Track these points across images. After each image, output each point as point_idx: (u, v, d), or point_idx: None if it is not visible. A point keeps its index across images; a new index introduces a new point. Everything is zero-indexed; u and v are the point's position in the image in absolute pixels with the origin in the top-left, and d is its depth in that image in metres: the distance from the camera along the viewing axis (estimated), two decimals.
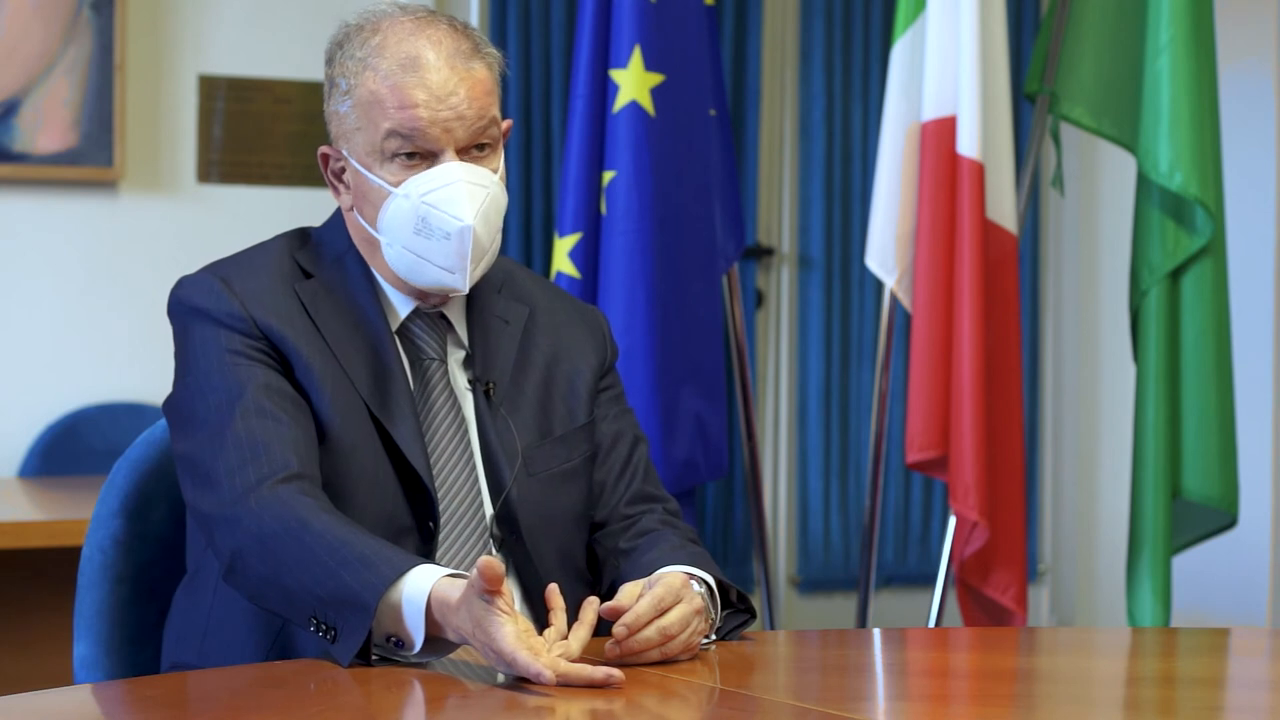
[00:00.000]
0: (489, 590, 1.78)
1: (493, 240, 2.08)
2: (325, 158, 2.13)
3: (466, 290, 2.07)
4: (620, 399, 2.27)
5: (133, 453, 2.23)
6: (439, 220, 2.03)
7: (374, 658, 1.87)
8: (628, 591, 1.93)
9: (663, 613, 1.89)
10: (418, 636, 1.85)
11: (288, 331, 2.05)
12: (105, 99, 4.46)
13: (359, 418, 2.05)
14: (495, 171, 2.08)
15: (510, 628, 1.77)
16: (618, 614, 1.88)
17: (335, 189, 2.14)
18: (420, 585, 1.84)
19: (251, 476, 1.95)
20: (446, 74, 2.04)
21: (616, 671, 1.78)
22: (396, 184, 2.05)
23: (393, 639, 1.87)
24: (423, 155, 2.05)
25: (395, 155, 2.05)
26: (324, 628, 1.88)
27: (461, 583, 1.83)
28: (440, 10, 4.99)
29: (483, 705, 1.77)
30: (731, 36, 5.23)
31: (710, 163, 3.61)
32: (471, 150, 2.06)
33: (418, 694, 1.80)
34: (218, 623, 2.06)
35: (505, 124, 2.13)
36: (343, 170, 2.11)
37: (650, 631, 1.88)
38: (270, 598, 1.94)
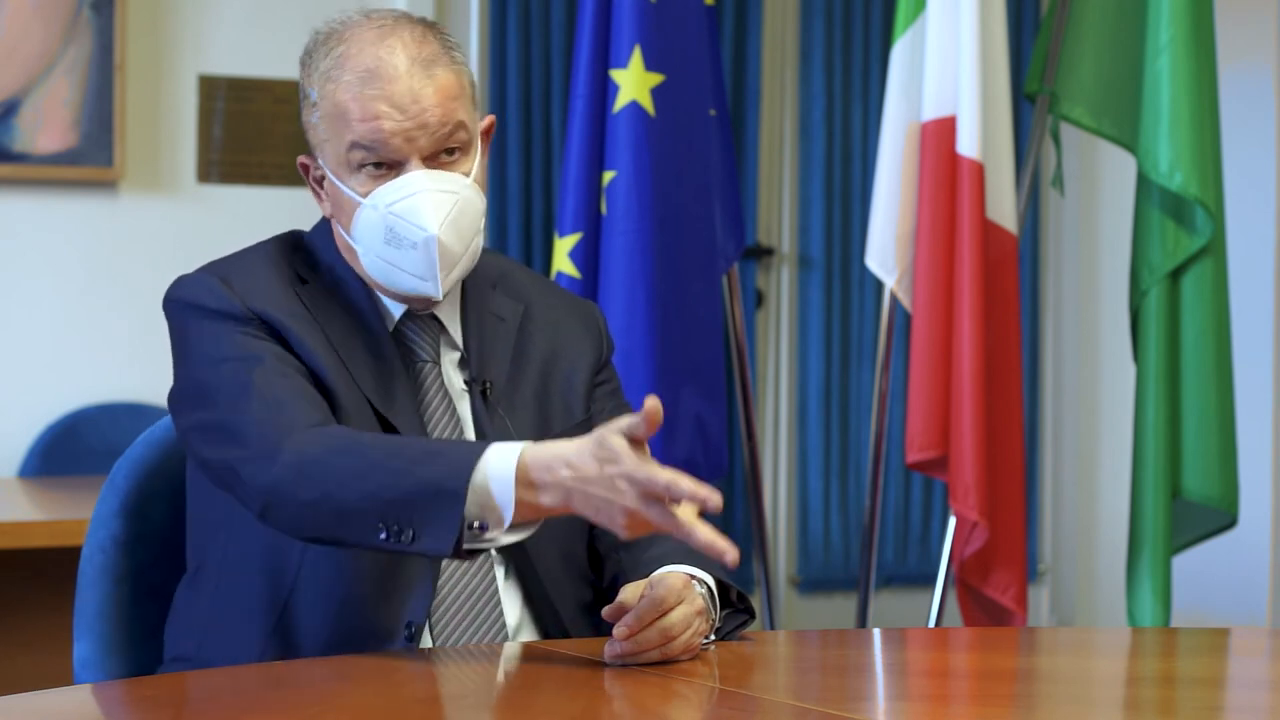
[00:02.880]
0: (643, 434, 1.77)
1: (467, 245, 2.07)
2: (305, 167, 2.14)
3: (441, 297, 2.07)
4: (617, 393, 2.27)
5: (133, 453, 2.23)
6: (405, 230, 2.03)
7: (465, 548, 1.85)
8: (629, 592, 1.93)
9: (664, 614, 1.89)
10: (507, 512, 1.83)
11: (291, 325, 2.05)
12: (105, 99, 4.46)
13: (364, 415, 2.05)
14: (468, 175, 2.07)
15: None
16: (619, 614, 1.88)
17: (318, 196, 2.14)
18: (505, 460, 1.83)
19: (283, 423, 1.94)
20: (408, 83, 2.02)
21: (716, 494, 1.77)
22: (365, 194, 2.05)
23: (477, 524, 1.85)
24: (389, 165, 2.04)
25: (361, 166, 2.04)
26: (396, 531, 1.85)
27: (560, 442, 1.83)
28: (438, 10, 4.98)
29: (483, 705, 1.77)
30: (731, 36, 5.23)
31: (710, 163, 3.61)
32: (440, 156, 2.06)
33: (418, 694, 1.80)
34: (218, 618, 2.06)
35: (486, 121, 2.12)
36: (322, 178, 2.11)
37: (651, 633, 1.88)
38: (320, 523, 1.90)
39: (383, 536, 1.86)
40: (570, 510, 1.82)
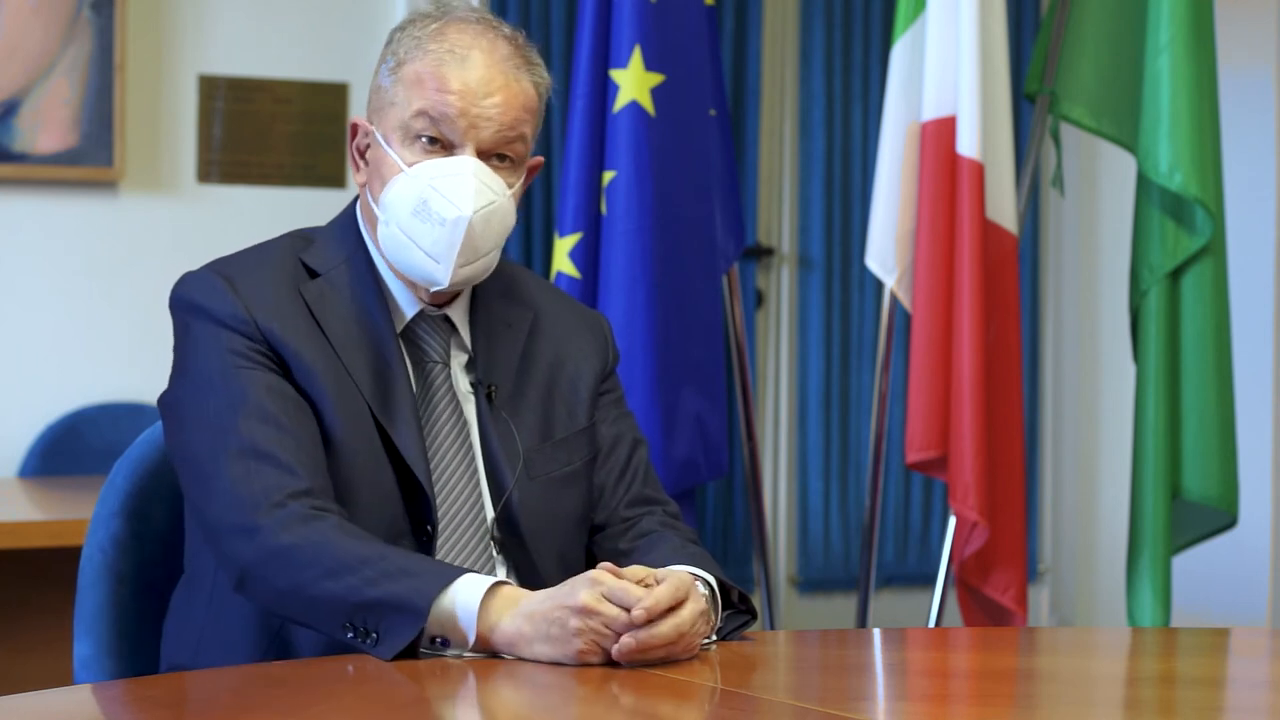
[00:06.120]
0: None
1: (491, 247, 2.09)
2: (355, 129, 2.17)
3: (446, 284, 2.07)
4: (620, 402, 2.28)
5: (133, 453, 2.23)
6: (438, 205, 2.05)
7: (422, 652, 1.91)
8: (634, 571, 1.91)
9: (679, 604, 1.88)
10: (470, 635, 1.89)
11: (289, 336, 2.06)
12: (105, 99, 4.46)
13: (362, 420, 2.06)
14: (511, 187, 2.10)
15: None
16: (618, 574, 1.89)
17: (355, 164, 2.17)
18: (473, 590, 1.89)
19: (258, 489, 1.96)
20: (491, 74, 2.09)
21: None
22: (410, 164, 2.08)
23: (438, 640, 1.90)
24: (445, 144, 2.08)
25: (419, 136, 2.08)
26: (362, 632, 1.90)
27: (526, 594, 1.90)
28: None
29: (483, 705, 1.77)
30: (731, 36, 5.23)
31: (710, 163, 3.61)
32: (493, 158, 2.09)
33: (418, 694, 1.80)
34: (213, 624, 2.06)
35: (535, 160, 2.16)
36: (367, 148, 2.15)
37: (665, 628, 1.86)
38: (290, 608, 1.96)
39: (350, 635, 1.91)
40: (518, 654, 1.89)
